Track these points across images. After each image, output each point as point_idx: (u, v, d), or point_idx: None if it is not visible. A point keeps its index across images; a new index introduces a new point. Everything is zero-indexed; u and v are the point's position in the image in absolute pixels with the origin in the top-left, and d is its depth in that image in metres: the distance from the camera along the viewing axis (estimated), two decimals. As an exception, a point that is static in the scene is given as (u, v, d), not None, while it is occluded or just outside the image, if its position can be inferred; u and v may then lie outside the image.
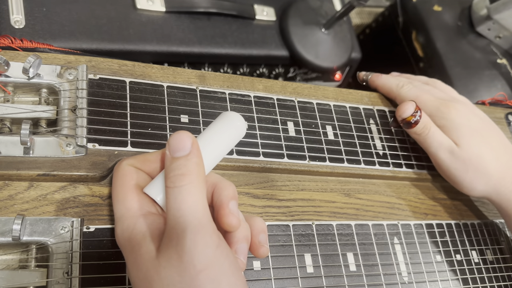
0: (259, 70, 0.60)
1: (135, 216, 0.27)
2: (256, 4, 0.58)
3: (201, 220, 0.25)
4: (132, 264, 0.26)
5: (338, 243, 0.40)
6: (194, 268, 0.24)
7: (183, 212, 0.25)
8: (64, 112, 0.35)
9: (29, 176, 0.32)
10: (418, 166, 0.47)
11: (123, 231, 0.27)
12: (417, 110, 0.44)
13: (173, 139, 0.27)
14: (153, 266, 0.25)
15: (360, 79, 0.52)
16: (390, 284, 0.40)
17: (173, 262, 0.24)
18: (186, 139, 0.27)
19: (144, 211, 0.27)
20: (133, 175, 0.29)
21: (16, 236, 0.29)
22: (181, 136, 0.27)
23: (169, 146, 0.27)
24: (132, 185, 0.28)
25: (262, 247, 0.30)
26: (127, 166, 0.29)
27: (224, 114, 0.30)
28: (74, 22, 0.47)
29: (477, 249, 0.46)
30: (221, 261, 0.25)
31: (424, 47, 0.68)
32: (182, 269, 0.24)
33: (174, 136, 0.27)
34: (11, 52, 0.36)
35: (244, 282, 0.26)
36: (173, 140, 0.27)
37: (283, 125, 0.42)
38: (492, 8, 0.67)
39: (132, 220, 0.27)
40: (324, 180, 0.43)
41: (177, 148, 0.26)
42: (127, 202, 0.28)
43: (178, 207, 0.25)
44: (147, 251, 0.26)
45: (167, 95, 0.39)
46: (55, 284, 0.29)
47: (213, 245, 0.25)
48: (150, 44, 0.50)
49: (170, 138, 0.27)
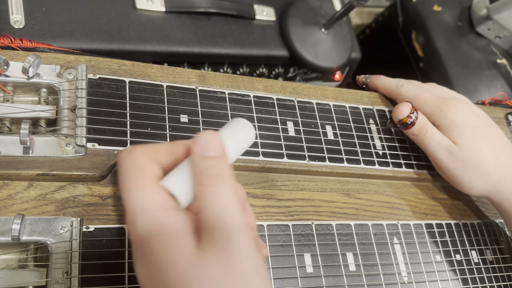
0: (259, 70, 0.60)
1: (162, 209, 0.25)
2: (256, 4, 0.58)
3: (242, 221, 0.25)
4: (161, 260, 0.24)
5: (337, 243, 0.40)
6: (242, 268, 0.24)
7: (227, 212, 0.25)
8: (63, 112, 0.35)
9: (29, 175, 0.32)
10: (417, 166, 0.47)
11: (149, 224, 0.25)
12: (413, 111, 0.44)
13: (204, 137, 0.26)
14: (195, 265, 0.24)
15: (360, 82, 0.52)
16: (389, 284, 0.40)
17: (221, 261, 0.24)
18: (217, 139, 0.26)
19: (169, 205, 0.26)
20: (151, 165, 0.27)
21: (16, 236, 0.29)
22: (212, 135, 0.26)
23: (198, 143, 0.26)
24: (152, 176, 0.26)
25: None
26: (142, 155, 0.27)
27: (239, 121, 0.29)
28: (74, 22, 0.47)
29: (476, 249, 0.46)
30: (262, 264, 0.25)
31: (424, 47, 0.68)
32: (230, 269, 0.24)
33: (205, 134, 0.26)
34: (11, 51, 0.36)
35: None
36: (203, 138, 0.26)
37: (282, 125, 0.42)
38: (492, 8, 0.67)
39: (159, 214, 0.25)
40: (324, 180, 0.43)
41: (208, 147, 0.26)
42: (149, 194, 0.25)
43: (222, 206, 0.25)
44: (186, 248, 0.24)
45: (167, 95, 0.39)
46: (55, 283, 0.29)
47: (254, 247, 0.25)
48: (150, 44, 0.50)
49: (200, 136, 0.26)
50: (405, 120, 0.44)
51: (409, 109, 0.44)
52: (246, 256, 0.24)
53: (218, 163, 0.26)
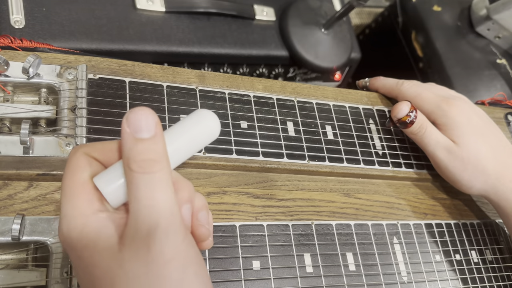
0: (259, 70, 0.60)
1: (84, 214, 0.24)
2: (256, 4, 0.58)
3: (173, 210, 0.23)
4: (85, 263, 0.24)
5: (337, 243, 0.40)
6: (163, 258, 0.23)
7: (156, 201, 0.23)
8: (63, 112, 0.35)
9: (29, 175, 0.32)
10: (417, 166, 0.47)
11: (70, 231, 0.24)
12: (412, 110, 0.44)
13: (134, 114, 0.23)
14: (114, 261, 0.23)
15: (360, 86, 0.53)
16: (389, 284, 0.40)
17: (141, 253, 0.23)
18: (150, 116, 0.23)
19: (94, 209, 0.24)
20: (86, 166, 0.25)
21: (16, 236, 0.29)
22: (144, 112, 0.23)
23: (128, 122, 0.23)
24: (83, 179, 0.24)
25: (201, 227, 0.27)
26: (82, 155, 0.25)
27: (197, 111, 0.27)
28: (74, 22, 0.47)
29: (476, 249, 0.46)
30: (188, 250, 0.24)
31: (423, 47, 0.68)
32: (150, 260, 0.23)
33: (135, 111, 0.23)
34: (11, 51, 0.36)
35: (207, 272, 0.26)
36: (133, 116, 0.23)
37: (282, 125, 0.42)
38: (492, 8, 0.67)
39: (80, 219, 0.24)
40: (324, 180, 0.43)
41: (140, 127, 0.23)
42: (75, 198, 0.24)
43: (151, 195, 0.23)
44: (106, 247, 0.24)
45: (167, 95, 0.39)
46: (55, 283, 0.29)
47: (182, 235, 0.24)
48: (150, 44, 0.50)
49: (130, 113, 0.23)
50: (404, 119, 0.44)
51: (408, 108, 0.44)
52: (170, 243, 0.23)
53: (154, 146, 0.23)
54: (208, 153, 0.38)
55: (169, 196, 0.24)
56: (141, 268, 0.23)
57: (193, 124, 0.26)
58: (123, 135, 0.23)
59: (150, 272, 0.23)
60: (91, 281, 0.24)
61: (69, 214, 0.24)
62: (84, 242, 0.24)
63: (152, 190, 0.23)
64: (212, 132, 0.26)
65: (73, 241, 0.24)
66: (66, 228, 0.24)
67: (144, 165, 0.23)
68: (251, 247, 0.36)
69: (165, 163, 0.24)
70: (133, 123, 0.23)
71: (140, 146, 0.23)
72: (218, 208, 0.37)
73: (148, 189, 0.23)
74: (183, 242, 0.24)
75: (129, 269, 0.23)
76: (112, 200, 0.25)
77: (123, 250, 0.23)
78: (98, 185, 0.24)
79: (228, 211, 0.37)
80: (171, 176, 0.24)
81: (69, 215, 0.24)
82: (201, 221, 0.27)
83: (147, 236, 0.23)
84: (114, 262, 0.23)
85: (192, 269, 0.24)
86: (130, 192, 0.23)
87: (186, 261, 0.24)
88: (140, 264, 0.23)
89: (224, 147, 0.39)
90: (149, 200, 0.23)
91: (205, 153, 0.38)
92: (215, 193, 0.38)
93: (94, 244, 0.24)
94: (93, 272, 0.24)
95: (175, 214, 0.24)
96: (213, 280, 0.34)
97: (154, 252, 0.23)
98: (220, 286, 0.34)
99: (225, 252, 0.35)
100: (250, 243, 0.36)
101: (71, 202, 0.24)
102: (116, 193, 0.24)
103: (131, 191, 0.23)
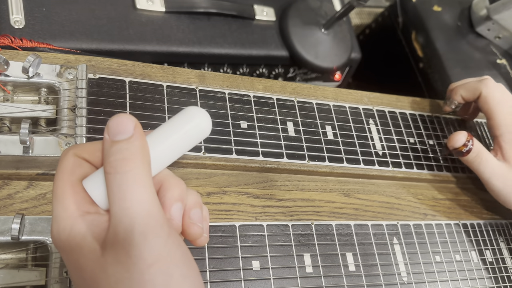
0: (259, 70, 0.60)
1: (72, 216, 0.24)
2: (256, 4, 0.58)
3: (150, 210, 0.23)
4: (74, 266, 0.24)
5: (337, 243, 0.40)
6: (144, 262, 0.22)
7: (129, 202, 0.22)
8: (63, 112, 0.35)
9: (29, 175, 0.32)
10: (417, 166, 0.47)
11: (59, 233, 0.24)
12: (469, 139, 0.44)
13: (113, 121, 0.23)
14: (98, 265, 0.23)
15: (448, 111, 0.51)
16: (389, 284, 0.40)
17: (121, 257, 0.22)
18: (127, 121, 0.23)
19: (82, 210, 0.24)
20: (76, 168, 0.25)
21: (15, 235, 0.29)
22: (121, 118, 0.23)
23: (108, 128, 0.24)
24: (72, 180, 0.24)
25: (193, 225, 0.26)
26: (72, 156, 0.25)
27: (186, 109, 0.26)
28: (74, 22, 0.47)
29: (476, 249, 0.46)
30: (173, 252, 0.23)
31: (423, 47, 0.68)
32: (131, 264, 0.22)
33: (114, 117, 0.24)
34: (11, 51, 0.36)
35: (197, 272, 0.25)
36: (112, 122, 0.23)
37: (282, 125, 0.42)
38: (492, 8, 0.67)
39: (68, 221, 0.24)
40: (324, 180, 0.43)
41: (117, 131, 0.23)
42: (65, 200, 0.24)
43: (123, 196, 0.22)
44: (90, 250, 0.23)
45: (167, 94, 0.39)
46: (54, 283, 0.29)
47: (164, 236, 0.23)
48: (150, 44, 0.50)
49: (109, 120, 0.24)
50: (460, 148, 0.45)
51: (465, 138, 0.44)
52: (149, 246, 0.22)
53: (127, 146, 0.23)
54: (208, 153, 0.38)
55: (145, 195, 0.23)
56: (124, 273, 0.22)
57: (182, 122, 0.25)
58: (103, 141, 0.24)
59: (132, 277, 0.22)
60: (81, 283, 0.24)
61: (59, 216, 0.24)
62: (72, 244, 0.24)
63: (125, 190, 0.23)
64: (202, 130, 0.26)
65: (62, 243, 0.24)
66: (56, 230, 0.24)
67: (115, 164, 0.23)
68: (250, 247, 0.36)
69: (139, 162, 0.23)
70: (111, 128, 0.23)
71: (114, 147, 0.23)
72: (218, 208, 0.37)
73: (121, 189, 0.23)
74: (166, 244, 0.23)
75: (111, 274, 0.22)
76: (101, 202, 0.24)
77: (105, 254, 0.23)
78: (87, 188, 0.24)
79: (228, 211, 0.37)
80: (150, 174, 0.24)
81: (59, 217, 0.24)
82: (193, 219, 0.26)
83: (124, 240, 0.22)
84: (97, 266, 0.23)
85: (178, 271, 0.23)
86: (108, 195, 0.23)
87: (171, 264, 0.23)
88: (122, 268, 0.22)
89: (224, 147, 0.39)
90: (122, 202, 0.22)
91: (205, 153, 0.38)
92: (215, 193, 0.38)
93: (80, 247, 0.23)
94: (81, 274, 0.24)
95: (154, 215, 0.23)
96: (212, 280, 0.34)
97: (134, 257, 0.22)
98: (219, 286, 0.34)
99: (225, 252, 0.35)
100: (250, 243, 0.36)
101: (61, 204, 0.24)
102: (105, 196, 0.24)
103: (108, 194, 0.23)
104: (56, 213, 0.24)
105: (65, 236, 0.24)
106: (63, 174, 0.25)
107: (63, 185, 0.24)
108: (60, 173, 0.25)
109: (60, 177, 0.25)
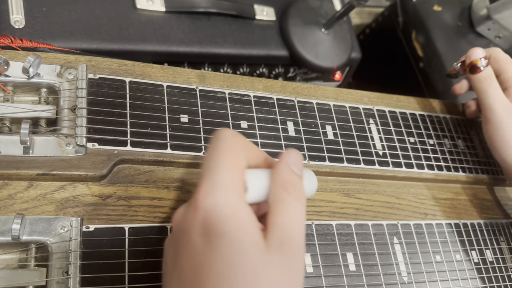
0: (259, 70, 0.60)
1: (240, 195, 0.24)
2: (256, 4, 0.58)
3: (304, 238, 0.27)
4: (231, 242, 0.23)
5: (337, 243, 0.40)
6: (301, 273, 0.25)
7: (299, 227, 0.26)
8: (63, 112, 0.35)
9: (29, 175, 0.32)
10: (417, 166, 0.47)
11: (223, 206, 0.23)
12: (486, 59, 0.46)
13: (293, 155, 0.28)
14: (261, 258, 0.23)
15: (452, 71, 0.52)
16: (389, 284, 0.40)
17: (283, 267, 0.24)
18: (301, 161, 0.28)
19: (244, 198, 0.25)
20: (243, 157, 0.26)
21: (16, 236, 0.29)
22: (299, 156, 0.28)
23: (287, 157, 0.28)
24: (242, 164, 0.26)
25: None
26: (242, 144, 0.27)
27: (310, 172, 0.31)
28: (74, 22, 0.47)
29: (476, 249, 0.46)
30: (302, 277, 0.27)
31: (424, 47, 0.68)
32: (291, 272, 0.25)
33: (293, 152, 0.28)
34: (11, 51, 0.36)
35: None
36: (294, 154, 0.28)
37: (282, 125, 0.42)
38: (492, 8, 0.67)
39: (236, 198, 0.23)
40: (324, 180, 0.43)
41: (296, 164, 0.28)
42: (234, 176, 0.24)
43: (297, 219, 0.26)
44: (257, 239, 0.24)
45: (167, 94, 0.39)
46: (55, 283, 0.29)
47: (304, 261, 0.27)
48: (150, 44, 0.50)
49: (291, 151, 0.28)
50: (476, 61, 0.46)
51: (483, 54, 0.46)
52: (300, 270, 0.26)
53: (300, 182, 0.27)
54: (208, 153, 0.38)
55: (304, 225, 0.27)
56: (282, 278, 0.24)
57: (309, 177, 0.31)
58: (281, 162, 0.27)
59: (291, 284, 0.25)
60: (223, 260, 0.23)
61: (228, 187, 0.24)
62: (238, 220, 0.23)
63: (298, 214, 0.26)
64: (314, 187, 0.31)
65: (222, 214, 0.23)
66: (219, 198, 0.23)
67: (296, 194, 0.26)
68: (251, 247, 0.36)
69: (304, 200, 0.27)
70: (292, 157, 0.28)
71: (294, 177, 0.27)
72: (218, 208, 0.37)
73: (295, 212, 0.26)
74: None
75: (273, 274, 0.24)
76: (252, 196, 0.26)
77: (271, 253, 0.24)
78: (249, 178, 0.26)
79: (228, 211, 0.37)
80: None
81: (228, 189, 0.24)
82: None
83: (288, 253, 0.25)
84: (262, 259, 0.23)
85: None
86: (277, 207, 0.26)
87: None
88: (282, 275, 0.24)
89: (224, 147, 0.39)
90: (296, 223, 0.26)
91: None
92: (215, 193, 0.38)
93: (247, 229, 0.23)
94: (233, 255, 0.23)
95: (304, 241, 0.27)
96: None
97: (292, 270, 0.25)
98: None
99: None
100: (250, 243, 0.36)
101: (230, 177, 0.24)
102: (258, 192, 0.27)
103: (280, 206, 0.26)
104: (224, 182, 0.24)
105: (230, 211, 0.23)
106: (233, 152, 0.25)
107: (232, 161, 0.25)
108: (230, 150, 0.25)
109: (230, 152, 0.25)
